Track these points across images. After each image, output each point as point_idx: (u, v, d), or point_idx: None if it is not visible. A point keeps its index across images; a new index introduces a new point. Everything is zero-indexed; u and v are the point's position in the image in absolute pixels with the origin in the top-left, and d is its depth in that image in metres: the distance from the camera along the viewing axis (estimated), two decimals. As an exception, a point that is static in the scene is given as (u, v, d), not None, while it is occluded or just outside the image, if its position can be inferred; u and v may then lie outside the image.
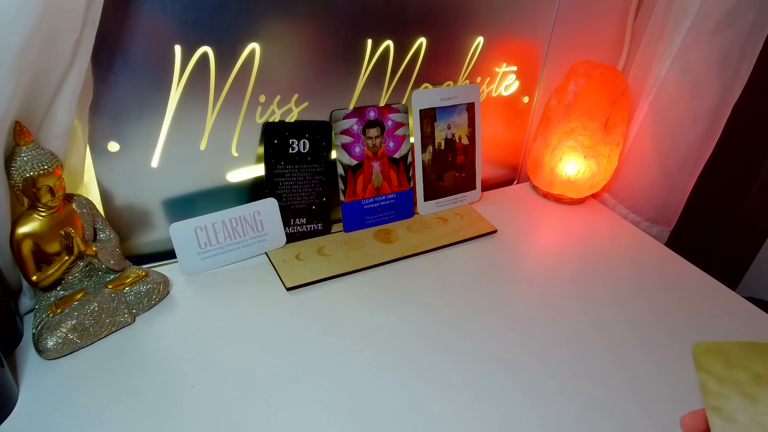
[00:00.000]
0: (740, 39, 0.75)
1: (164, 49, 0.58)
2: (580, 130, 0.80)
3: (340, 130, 0.72)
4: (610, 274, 0.72)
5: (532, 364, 0.57)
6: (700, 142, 0.83)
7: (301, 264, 0.69)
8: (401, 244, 0.74)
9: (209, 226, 0.66)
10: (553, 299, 0.67)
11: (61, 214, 0.54)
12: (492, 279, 0.70)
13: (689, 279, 0.73)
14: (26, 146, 0.50)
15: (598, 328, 0.62)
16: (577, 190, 0.86)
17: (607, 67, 0.79)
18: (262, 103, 0.67)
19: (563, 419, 0.51)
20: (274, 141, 0.69)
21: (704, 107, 0.80)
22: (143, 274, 0.60)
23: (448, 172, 0.82)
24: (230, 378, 0.53)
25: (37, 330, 0.53)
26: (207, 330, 0.59)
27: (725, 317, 0.66)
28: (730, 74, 0.78)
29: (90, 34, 0.50)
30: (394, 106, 0.76)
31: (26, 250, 0.52)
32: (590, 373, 0.56)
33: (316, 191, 0.73)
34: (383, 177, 0.77)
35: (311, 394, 0.52)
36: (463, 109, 0.81)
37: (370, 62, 0.71)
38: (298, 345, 0.58)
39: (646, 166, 0.87)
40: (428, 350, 0.58)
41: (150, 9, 0.55)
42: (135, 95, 0.59)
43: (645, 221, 0.91)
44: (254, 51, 0.62)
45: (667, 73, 0.80)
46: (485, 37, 0.78)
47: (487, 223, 0.81)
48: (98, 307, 0.55)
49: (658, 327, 0.63)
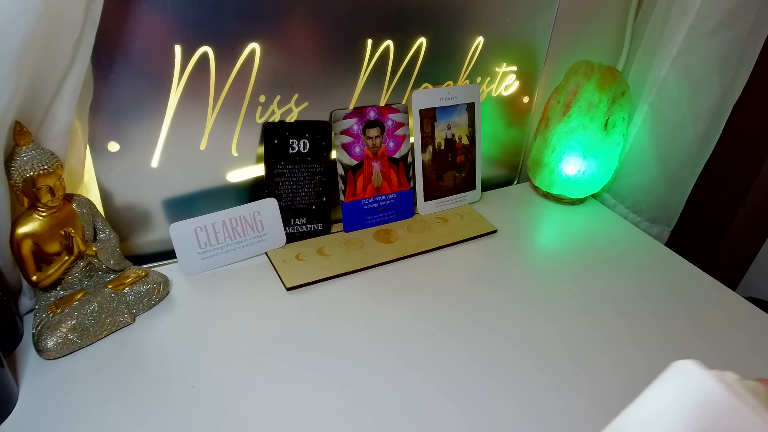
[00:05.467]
0: (740, 39, 0.75)
1: (164, 49, 0.58)
2: (580, 130, 0.80)
3: (340, 130, 0.72)
4: (610, 274, 0.72)
5: (533, 363, 0.57)
6: (700, 142, 0.83)
7: (301, 264, 0.69)
8: (401, 244, 0.74)
9: (209, 226, 0.66)
10: (553, 299, 0.67)
11: (61, 214, 0.54)
12: (492, 279, 0.70)
13: (689, 279, 0.73)
14: (26, 146, 0.50)
15: (598, 328, 0.62)
16: (577, 190, 0.86)
17: (607, 67, 0.79)
18: (262, 103, 0.67)
19: (563, 419, 0.51)
20: (274, 141, 0.69)
21: (704, 107, 0.80)
22: (143, 274, 0.60)
23: (448, 172, 0.82)
24: (230, 378, 0.53)
25: (37, 330, 0.53)
26: (207, 330, 0.59)
27: (725, 317, 0.66)
28: (730, 74, 0.78)
29: (90, 34, 0.50)
30: (394, 106, 0.76)
31: (26, 250, 0.52)
32: (591, 373, 0.56)
33: (316, 191, 0.73)
34: (383, 177, 0.77)
35: (311, 394, 0.52)
36: (463, 109, 0.81)
37: (370, 62, 0.71)
38: (298, 345, 0.58)
39: (646, 166, 0.87)
40: (428, 350, 0.58)
41: (150, 9, 0.55)
42: (135, 95, 0.59)
43: (645, 221, 0.91)
44: (254, 51, 0.62)
45: (667, 73, 0.80)
46: (485, 37, 0.78)
47: (487, 223, 0.81)
48: (98, 307, 0.55)
49: (658, 327, 0.63)
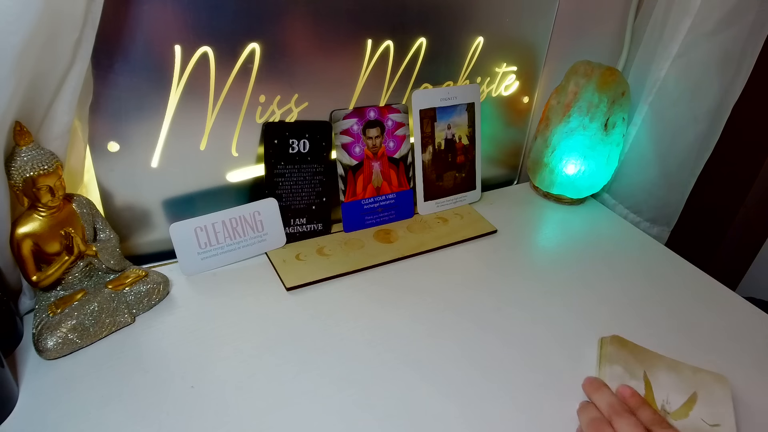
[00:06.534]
0: (740, 39, 0.75)
1: (164, 49, 0.58)
2: (580, 131, 0.80)
3: (340, 130, 0.72)
4: (610, 275, 0.72)
5: (532, 363, 0.57)
6: (700, 142, 0.83)
7: (301, 264, 0.69)
8: (401, 244, 0.74)
9: (209, 226, 0.66)
10: (553, 299, 0.67)
11: (61, 214, 0.54)
12: (492, 279, 0.70)
13: (689, 279, 0.73)
14: (26, 146, 0.50)
15: (598, 328, 0.62)
16: (577, 190, 0.86)
17: (607, 67, 0.79)
18: (262, 103, 0.67)
19: (563, 419, 0.51)
20: (274, 141, 0.69)
21: (704, 107, 0.80)
22: (143, 274, 0.60)
23: (448, 172, 0.82)
24: (230, 378, 0.53)
25: (37, 330, 0.53)
26: (207, 330, 0.59)
27: (725, 317, 0.66)
28: (730, 74, 0.78)
29: (90, 35, 0.50)
30: (394, 106, 0.76)
31: (26, 250, 0.52)
32: (591, 373, 0.56)
33: (316, 191, 0.73)
34: (383, 177, 0.77)
35: (311, 394, 0.52)
36: (463, 109, 0.81)
37: (370, 62, 0.71)
38: (298, 345, 0.58)
39: (646, 166, 0.87)
40: (428, 350, 0.58)
41: (150, 9, 0.55)
42: (135, 95, 0.59)
43: (645, 221, 0.91)
44: (254, 51, 0.62)
45: (667, 73, 0.80)
46: (485, 37, 0.78)
47: (487, 223, 0.81)
48: (98, 307, 0.55)
49: (658, 327, 0.63)
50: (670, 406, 0.51)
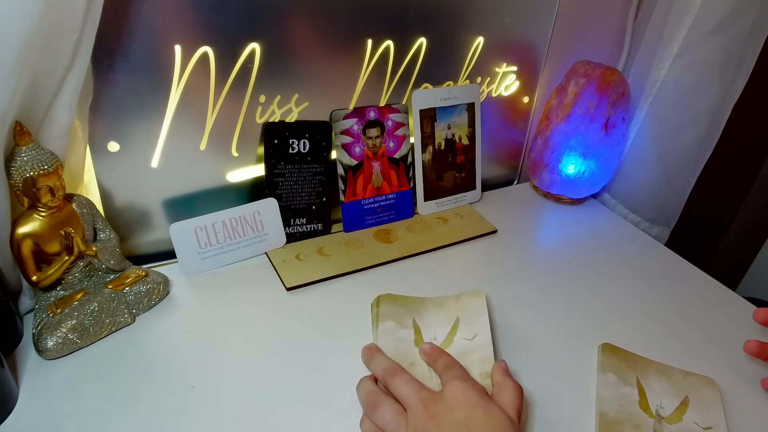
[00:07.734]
0: (740, 39, 0.75)
1: (164, 49, 0.58)
2: (580, 130, 0.80)
3: (340, 130, 0.72)
4: (610, 275, 0.72)
5: (532, 364, 0.57)
6: (700, 142, 0.83)
7: (301, 264, 0.69)
8: (401, 244, 0.74)
9: (209, 226, 0.66)
10: (553, 299, 0.67)
11: (61, 214, 0.54)
12: (492, 279, 0.70)
13: (689, 279, 0.73)
14: (26, 146, 0.50)
15: (598, 328, 0.62)
16: (577, 190, 0.86)
17: (607, 67, 0.79)
18: (262, 103, 0.67)
19: (563, 419, 0.51)
20: (274, 141, 0.69)
21: (704, 107, 0.80)
22: (143, 274, 0.60)
23: (448, 172, 0.82)
24: (230, 378, 0.53)
25: (37, 330, 0.53)
26: (207, 330, 0.59)
27: (725, 317, 0.66)
28: (730, 74, 0.78)
29: (90, 34, 0.50)
30: (394, 106, 0.76)
31: (26, 250, 0.52)
32: (591, 373, 0.56)
33: (316, 191, 0.73)
34: (383, 177, 0.77)
35: (311, 394, 0.52)
36: (463, 109, 0.81)
37: (370, 62, 0.71)
38: (298, 345, 0.58)
39: (646, 166, 0.87)
40: (428, 350, 0.58)
41: (150, 9, 0.55)
42: (135, 95, 0.59)
43: (645, 221, 0.91)
44: (254, 51, 0.62)
45: (667, 73, 0.80)
46: (485, 37, 0.78)
47: (487, 223, 0.81)
48: (98, 307, 0.55)
49: (658, 327, 0.63)
50: (665, 410, 0.51)
